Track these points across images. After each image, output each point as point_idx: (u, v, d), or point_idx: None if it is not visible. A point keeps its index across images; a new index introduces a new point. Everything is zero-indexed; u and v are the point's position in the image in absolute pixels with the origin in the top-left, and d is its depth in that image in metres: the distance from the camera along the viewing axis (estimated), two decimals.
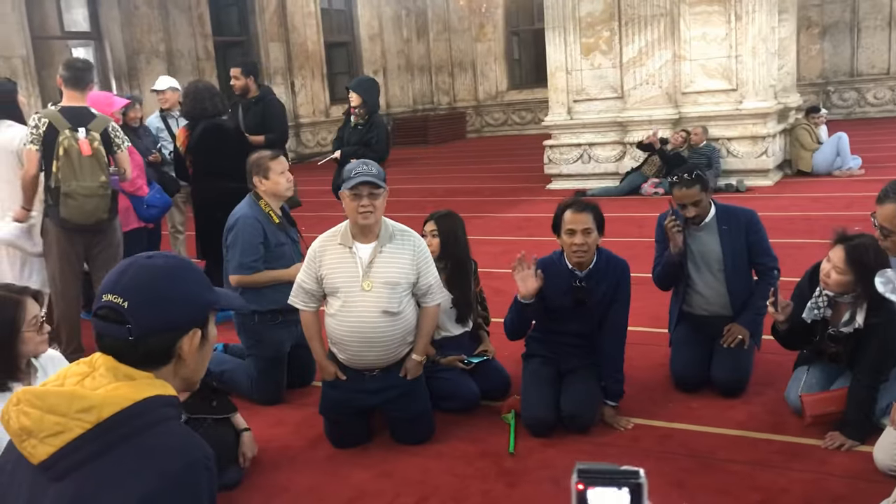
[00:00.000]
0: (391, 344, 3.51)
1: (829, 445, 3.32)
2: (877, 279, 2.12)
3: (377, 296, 3.45)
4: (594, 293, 3.71)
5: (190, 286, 1.54)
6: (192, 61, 15.52)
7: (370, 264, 3.47)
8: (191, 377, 1.60)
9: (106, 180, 4.47)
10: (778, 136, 10.24)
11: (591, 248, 3.64)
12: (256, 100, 6.71)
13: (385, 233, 3.52)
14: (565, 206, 3.69)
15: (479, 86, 21.66)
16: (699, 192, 3.92)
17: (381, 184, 3.41)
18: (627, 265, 3.81)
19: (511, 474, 3.29)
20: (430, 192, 11.84)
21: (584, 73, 10.73)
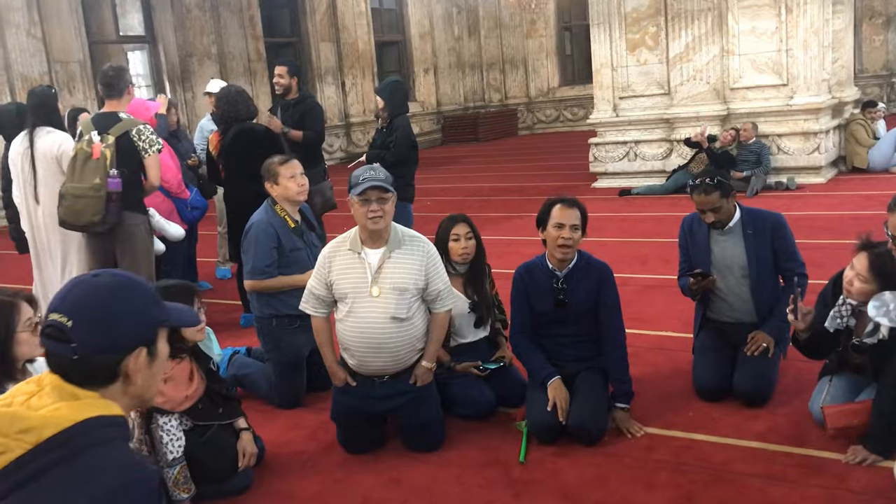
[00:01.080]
0: (400, 350, 3.50)
1: (851, 460, 3.19)
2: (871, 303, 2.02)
3: (385, 302, 3.44)
4: (574, 294, 3.69)
5: (134, 304, 1.54)
6: (244, 63, 15.77)
7: (379, 270, 3.46)
8: (141, 395, 1.60)
9: (100, 183, 4.53)
10: (831, 132, 9.92)
11: (575, 244, 3.65)
12: (296, 101, 6.77)
13: (394, 238, 3.51)
14: (555, 201, 3.70)
15: (530, 82, 21.56)
16: (718, 199, 3.81)
17: (389, 188, 3.40)
18: (608, 268, 3.79)
19: (518, 484, 3.25)
20: (475, 191, 11.82)
21: (629, 69, 10.56)
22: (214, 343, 3.55)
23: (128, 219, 4.72)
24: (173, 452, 3.11)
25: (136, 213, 4.76)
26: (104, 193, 4.53)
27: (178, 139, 6.82)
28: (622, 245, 7.41)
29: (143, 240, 4.84)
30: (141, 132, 4.68)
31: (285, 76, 6.70)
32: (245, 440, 3.39)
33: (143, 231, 4.84)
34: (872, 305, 1.98)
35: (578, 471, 3.31)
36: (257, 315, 4.19)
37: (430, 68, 20.76)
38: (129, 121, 4.72)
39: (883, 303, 1.96)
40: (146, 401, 1.64)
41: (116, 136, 4.61)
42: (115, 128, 4.63)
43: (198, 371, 3.30)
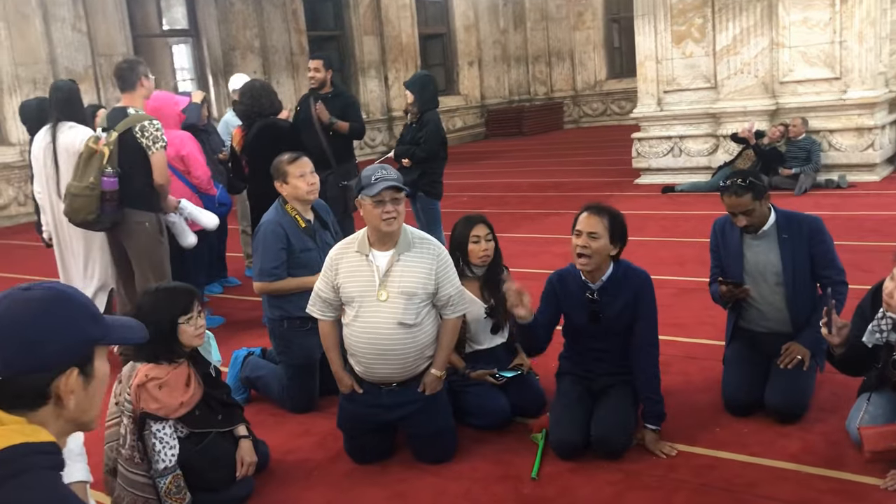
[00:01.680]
0: (407, 357, 3.35)
1: (890, 486, 2.94)
2: None
3: (393, 307, 3.29)
4: (610, 308, 3.44)
5: (65, 320, 1.41)
6: (287, 56, 15.77)
7: (387, 273, 3.31)
8: (77, 419, 1.47)
9: (95, 181, 4.47)
10: (887, 128, 9.47)
11: (594, 253, 3.37)
12: (333, 94, 6.67)
13: (404, 240, 3.36)
14: (585, 208, 3.46)
15: (577, 75, 21.19)
16: (751, 201, 3.56)
17: (403, 187, 3.27)
18: (649, 277, 3.51)
19: (528, 502, 3.07)
20: (513, 187, 11.61)
21: (674, 62, 10.24)
22: (214, 348, 3.44)
23: (131, 216, 4.65)
24: (165, 461, 3.01)
25: (140, 211, 4.69)
26: (98, 192, 4.47)
27: (208, 133, 6.78)
28: (662, 245, 7.15)
29: (149, 237, 4.75)
30: (145, 128, 4.59)
31: (321, 70, 6.60)
32: (244, 448, 3.27)
33: (149, 228, 4.75)
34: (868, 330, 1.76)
35: (593, 489, 3.12)
36: (269, 316, 4.08)
37: (474, 61, 20.55)
38: (134, 116, 4.64)
39: None
40: (84, 424, 1.51)
41: (121, 132, 4.54)
42: (121, 124, 4.56)
43: (195, 377, 3.19)
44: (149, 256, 4.75)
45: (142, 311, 3.12)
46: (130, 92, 4.76)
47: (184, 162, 5.55)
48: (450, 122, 19.45)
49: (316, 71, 6.61)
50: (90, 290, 5.11)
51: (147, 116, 4.68)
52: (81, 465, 2.75)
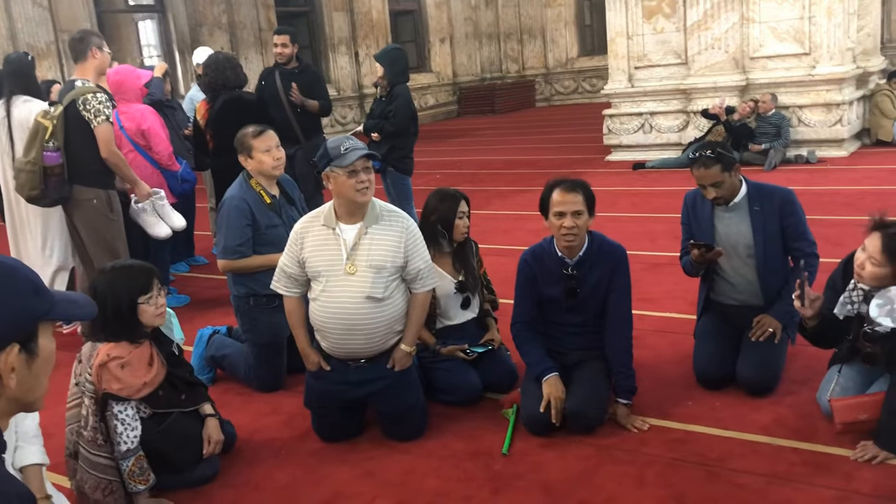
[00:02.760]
0: (376, 332, 3.28)
1: (860, 457, 2.94)
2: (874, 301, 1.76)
3: (361, 280, 3.22)
4: (586, 282, 3.40)
5: (4, 295, 1.32)
6: (255, 32, 15.48)
7: (355, 246, 3.24)
8: (21, 399, 1.38)
9: (37, 156, 4.33)
10: (855, 104, 9.52)
11: (581, 231, 3.33)
12: (299, 70, 6.55)
13: (372, 213, 3.28)
14: (553, 185, 3.38)
15: (548, 53, 21.09)
16: (720, 173, 3.52)
17: (374, 153, 3.21)
18: (624, 251, 3.48)
19: (499, 479, 3.03)
20: (485, 164, 11.55)
21: (645, 37, 10.20)
22: (176, 326, 3.35)
23: (78, 193, 4.52)
24: (128, 443, 2.92)
25: (88, 188, 4.55)
26: (40, 167, 4.34)
27: (173, 109, 6.62)
28: (632, 220, 7.14)
29: (98, 214, 4.62)
30: (87, 101, 4.45)
31: (288, 45, 6.48)
32: (211, 427, 3.20)
33: (98, 205, 4.61)
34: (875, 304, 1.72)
35: (564, 465, 3.09)
36: (234, 294, 3.98)
37: (445, 38, 20.37)
38: (79, 89, 4.49)
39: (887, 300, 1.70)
40: (28, 404, 1.43)
41: (65, 105, 4.40)
42: (66, 97, 4.42)
43: (158, 356, 3.10)
44: (99, 234, 4.62)
45: (97, 292, 3.01)
46: (82, 63, 4.61)
47: (145, 137, 5.42)
48: (422, 99, 19.29)
49: (283, 46, 6.48)
50: (49, 270, 4.98)
51: (91, 89, 4.53)
52: (37, 447, 2.66)
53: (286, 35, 6.53)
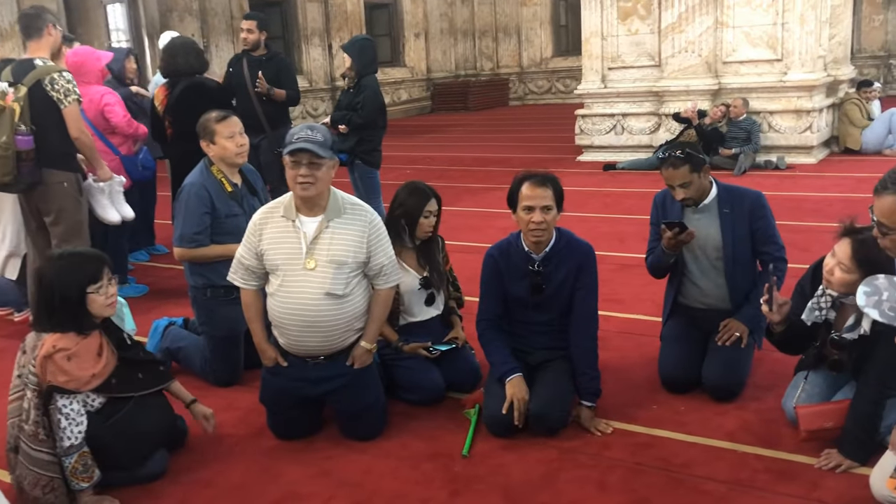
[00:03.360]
0: (335, 330, 3.18)
1: (824, 465, 2.90)
2: (861, 288, 1.71)
3: (321, 276, 3.11)
4: (552, 279, 3.33)
5: None
6: (227, 20, 15.26)
7: (315, 240, 3.12)
8: None
9: (8, 140, 4.16)
10: (825, 111, 9.58)
11: (549, 226, 3.26)
12: (267, 57, 6.43)
13: (334, 205, 3.17)
14: (523, 179, 3.30)
15: (523, 52, 21.09)
16: (688, 173, 3.46)
17: (321, 153, 3.02)
18: (591, 249, 3.41)
19: (458, 481, 2.95)
20: (457, 161, 11.49)
21: (620, 39, 10.18)
22: (128, 317, 3.23)
23: (49, 177, 4.35)
24: (71, 439, 2.79)
25: (58, 171, 4.39)
26: (13, 152, 4.16)
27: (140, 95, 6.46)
28: (602, 221, 7.11)
29: (68, 198, 4.46)
30: (55, 80, 4.28)
31: (255, 30, 6.37)
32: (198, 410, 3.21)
33: (69, 189, 4.45)
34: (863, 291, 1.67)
35: (525, 468, 3.01)
36: (191, 284, 3.86)
37: (420, 33, 20.26)
38: (42, 68, 4.32)
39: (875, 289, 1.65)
40: None
41: (29, 86, 4.23)
42: (29, 77, 4.25)
43: (108, 346, 2.98)
44: (67, 219, 4.45)
45: (44, 280, 2.88)
46: (37, 40, 4.43)
47: (104, 116, 5.27)
48: (395, 94, 19.18)
49: (249, 32, 6.37)
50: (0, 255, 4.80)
51: (56, 68, 4.37)
52: None
53: (253, 20, 6.42)
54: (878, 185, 2.45)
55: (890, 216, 2.39)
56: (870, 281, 1.70)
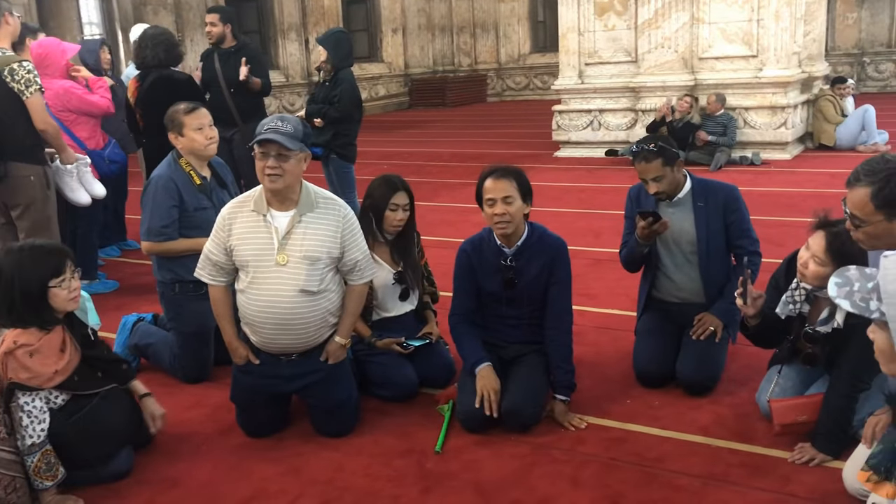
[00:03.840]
0: (309, 327, 3.12)
1: (798, 459, 2.89)
2: (832, 280, 1.69)
3: (294, 272, 3.04)
4: (524, 273, 3.30)
5: None
6: (201, 14, 15.04)
7: (287, 235, 3.06)
8: None
9: None
10: (799, 108, 9.63)
11: (514, 217, 3.23)
12: (236, 49, 6.35)
13: (306, 200, 3.10)
14: (486, 174, 3.29)
15: (501, 48, 21.05)
16: (661, 167, 3.44)
17: (289, 145, 2.94)
18: (564, 243, 3.39)
19: (430, 477, 2.91)
20: (434, 157, 11.44)
21: (597, 34, 10.16)
22: (91, 311, 3.15)
23: (14, 170, 4.25)
24: (34, 437, 2.72)
25: (25, 164, 4.28)
26: None
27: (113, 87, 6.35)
28: (578, 216, 7.10)
29: (35, 192, 4.35)
30: (14, 71, 4.18)
31: (217, 24, 6.28)
32: (150, 405, 3.12)
33: (35, 182, 4.34)
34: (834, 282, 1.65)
35: (499, 463, 2.98)
36: (159, 280, 3.78)
37: (398, 28, 20.17)
38: (1, 59, 4.21)
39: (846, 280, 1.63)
40: None
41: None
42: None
43: (71, 341, 2.90)
44: (35, 214, 4.35)
45: (3, 273, 2.79)
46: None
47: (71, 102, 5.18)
48: (373, 89, 19.09)
49: (212, 25, 6.28)
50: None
51: (16, 58, 4.26)
52: None
53: (216, 13, 6.33)
54: (850, 177, 2.44)
55: (862, 208, 2.38)
56: (841, 272, 1.68)
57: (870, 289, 1.57)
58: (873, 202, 2.37)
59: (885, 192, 2.35)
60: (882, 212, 2.37)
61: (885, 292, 1.53)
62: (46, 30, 12.51)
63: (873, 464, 2.27)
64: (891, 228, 2.38)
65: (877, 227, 2.39)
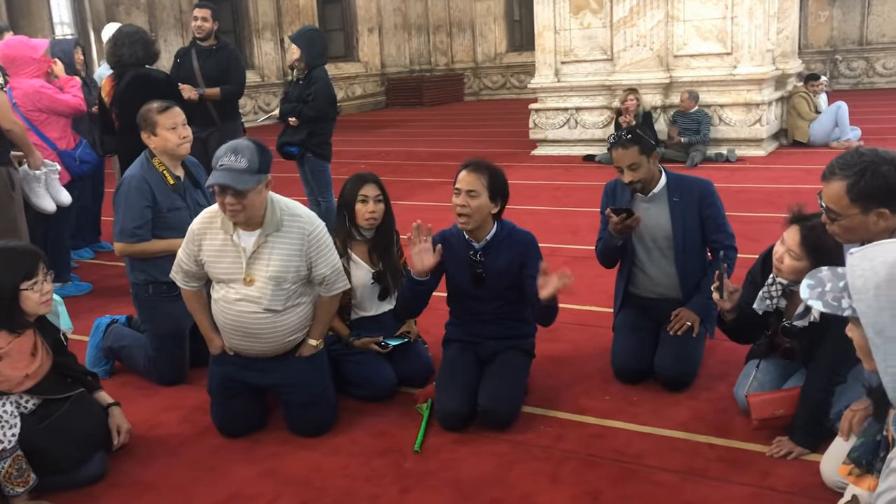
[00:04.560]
0: (277, 339, 3.16)
1: (775, 453, 2.90)
2: (804, 282, 1.69)
3: (259, 293, 3.06)
4: (492, 267, 3.31)
5: None
6: (175, 13, 14.98)
7: (254, 255, 3.05)
8: None
9: None
10: (774, 104, 9.71)
11: (474, 212, 3.22)
12: (217, 48, 6.30)
13: (272, 219, 3.05)
14: (464, 165, 3.30)
15: (477, 47, 21.06)
16: (638, 155, 3.45)
17: (243, 186, 2.87)
18: (533, 238, 3.40)
19: (409, 477, 2.89)
20: (412, 156, 11.41)
21: (572, 32, 10.18)
22: (63, 315, 3.10)
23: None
24: (3, 442, 2.66)
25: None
26: None
27: (88, 87, 6.27)
28: (555, 214, 7.11)
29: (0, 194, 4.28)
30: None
31: (209, 20, 6.24)
32: (117, 415, 3.06)
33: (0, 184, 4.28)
34: (806, 284, 1.65)
35: (478, 462, 2.96)
36: (132, 281, 3.73)
37: (374, 28, 20.11)
38: None
39: (818, 282, 1.63)
40: None
41: None
42: None
43: (43, 346, 2.86)
44: (3, 214, 4.28)
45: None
46: None
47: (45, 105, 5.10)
48: (349, 89, 19.03)
49: (204, 20, 6.23)
50: None
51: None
52: None
53: (207, 9, 6.29)
54: (825, 170, 2.46)
55: (838, 202, 2.39)
56: (813, 274, 1.69)
57: (841, 288, 1.57)
58: (848, 195, 2.38)
59: (859, 185, 2.36)
60: (857, 205, 2.38)
61: (853, 288, 1.53)
62: (17, 29, 12.34)
63: (855, 457, 2.28)
64: (866, 222, 2.39)
65: (852, 220, 2.41)
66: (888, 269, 1.48)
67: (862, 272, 1.52)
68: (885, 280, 1.48)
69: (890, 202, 2.36)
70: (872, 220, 2.38)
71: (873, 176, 2.35)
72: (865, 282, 1.51)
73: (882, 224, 2.37)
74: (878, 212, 2.37)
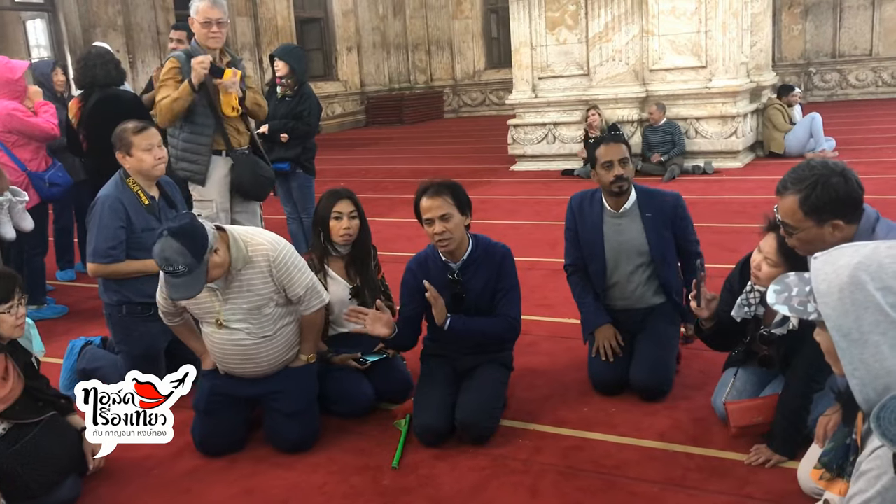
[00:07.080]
0: (271, 359, 3.22)
1: (754, 461, 2.90)
2: (771, 287, 1.70)
3: (244, 325, 3.11)
4: (472, 286, 3.29)
5: None
6: (153, 35, 14.94)
7: (227, 293, 3.08)
8: None
9: None
10: (749, 116, 9.80)
11: (454, 234, 3.22)
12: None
13: (237, 258, 3.03)
14: (421, 192, 3.26)
15: (456, 65, 21.17)
16: (627, 152, 3.53)
17: (194, 290, 2.88)
18: (508, 251, 3.39)
19: (387, 494, 2.86)
20: (392, 173, 11.42)
21: (549, 48, 10.25)
22: (36, 338, 3.07)
23: None
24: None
25: None
26: None
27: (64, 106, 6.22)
28: (535, 228, 7.12)
29: None
30: None
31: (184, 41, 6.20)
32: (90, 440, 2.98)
33: None
34: (773, 290, 1.65)
35: (456, 477, 2.94)
36: (105, 302, 3.69)
37: (353, 47, 20.17)
38: None
39: (785, 287, 1.64)
40: None
41: None
42: None
43: (14, 369, 2.82)
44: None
45: None
46: None
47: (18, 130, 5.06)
48: (329, 108, 19.03)
49: (179, 42, 6.20)
50: None
51: None
52: None
53: (184, 31, 6.26)
54: (778, 185, 2.49)
55: (792, 215, 2.42)
56: (780, 279, 1.69)
57: (807, 292, 1.58)
58: (802, 209, 2.42)
59: (811, 198, 2.40)
60: (811, 218, 2.41)
61: (818, 292, 1.54)
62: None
63: (825, 461, 2.28)
64: (822, 234, 2.42)
65: (808, 232, 2.44)
66: (850, 272, 1.49)
67: (825, 276, 1.53)
68: (847, 283, 1.49)
69: (842, 213, 2.40)
70: (828, 232, 2.41)
71: (824, 188, 2.38)
72: (829, 285, 1.52)
73: (838, 234, 2.40)
74: (832, 223, 2.41)
